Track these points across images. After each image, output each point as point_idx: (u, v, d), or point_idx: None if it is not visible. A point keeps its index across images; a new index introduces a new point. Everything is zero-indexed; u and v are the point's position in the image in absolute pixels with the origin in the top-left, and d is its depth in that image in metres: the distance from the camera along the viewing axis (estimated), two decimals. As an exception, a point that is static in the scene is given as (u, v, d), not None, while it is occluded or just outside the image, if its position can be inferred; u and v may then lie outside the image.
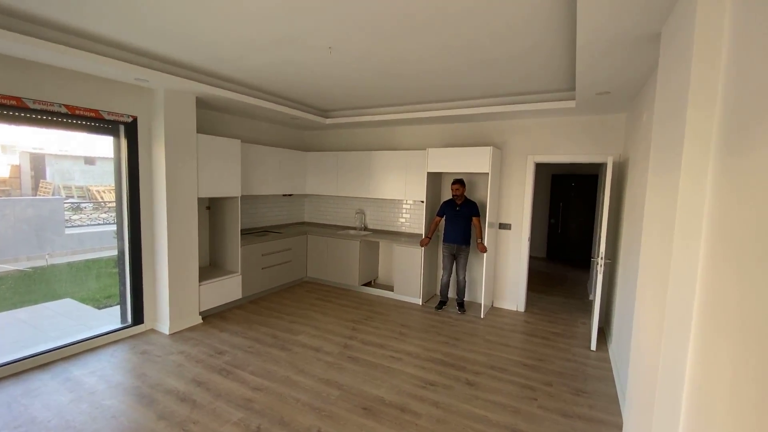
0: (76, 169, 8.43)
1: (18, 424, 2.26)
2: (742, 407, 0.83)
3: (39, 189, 7.48)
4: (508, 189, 4.48)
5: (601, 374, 3.05)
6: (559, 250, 7.73)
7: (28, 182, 7.29)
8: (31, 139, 7.10)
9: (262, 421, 2.33)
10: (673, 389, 1.29)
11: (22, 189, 6.84)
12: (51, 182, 7.71)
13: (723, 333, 0.98)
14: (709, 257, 1.13)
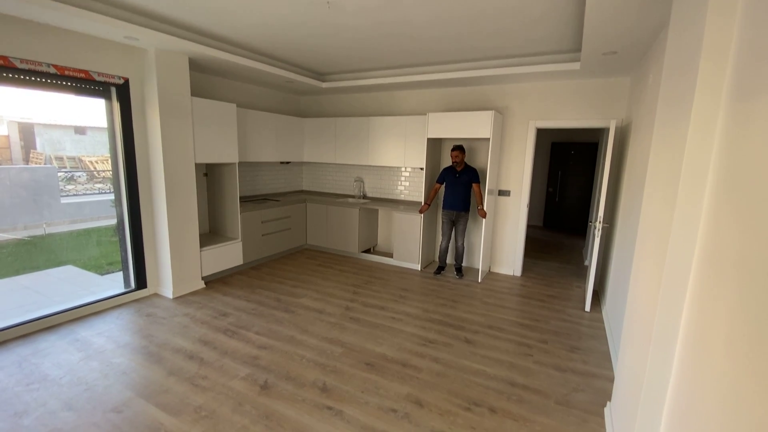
0: (66, 139, 8.23)
1: (30, 381, 2.33)
2: (736, 357, 0.86)
3: (30, 159, 7.33)
4: (508, 155, 4.46)
5: (594, 333, 3.16)
6: (556, 219, 7.80)
7: (19, 153, 7.13)
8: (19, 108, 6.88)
9: (269, 376, 2.42)
10: (667, 341, 1.34)
11: (12, 160, 6.70)
12: (42, 153, 7.54)
13: (721, 285, 1.00)
14: (712, 208, 1.15)
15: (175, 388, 2.27)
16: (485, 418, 2.08)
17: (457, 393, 2.30)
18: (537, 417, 2.11)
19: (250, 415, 2.05)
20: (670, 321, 1.33)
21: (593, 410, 2.18)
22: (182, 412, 2.06)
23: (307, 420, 2.03)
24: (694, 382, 1.09)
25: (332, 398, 2.22)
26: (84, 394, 2.21)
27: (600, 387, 2.41)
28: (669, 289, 1.38)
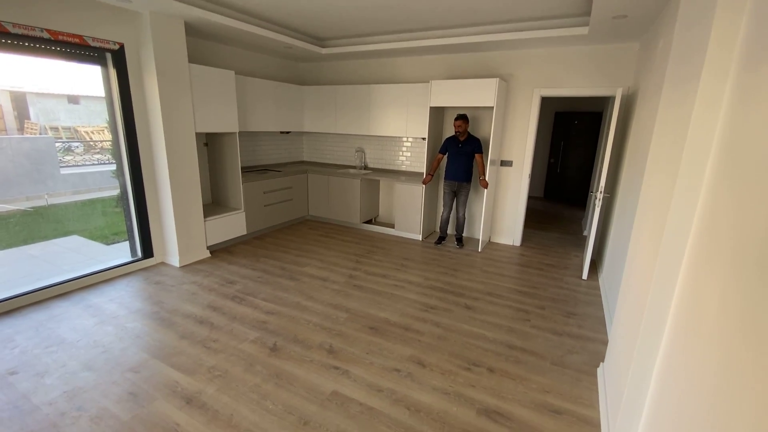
0: (60, 109, 8.07)
1: (48, 344, 2.43)
2: (729, 323, 0.90)
3: (25, 129, 7.21)
4: (512, 124, 4.41)
5: (590, 300, 3.26)
6: (557, 190, 7.82)
7: (12, 123, 7.01)
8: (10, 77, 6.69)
9: (277, 339, 2.52)
10: (661, 306, 1.39)
11: (7, 130, 6.60)
12: (36, 123, 7.41)
13: (717, 255, 1.03)
14: (713, 177, 1.16)
15: (188, 351, 2.37)
16: (484, 377, 2.20)
17: (458, 354, 2.41)
18: (533, 376, 2.22)
19: (261, 375, 2.16)
20: (665, 287, 1.39)
21: (587, 370, 2.29)
22: (196, 372, 2.17)
23: (315, 378, 2.14)
24: (686, 345, 1.15)
25: (338, 359, 2.33)
26: (101, 355, 2.32)
27: (594, 349, 2.52)
28: (666, 256, 1.43)
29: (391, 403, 1.98)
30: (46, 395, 1.98)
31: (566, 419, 1.90)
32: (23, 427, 1.77)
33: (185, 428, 1.78)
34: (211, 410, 1.89)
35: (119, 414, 1.86)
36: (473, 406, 1.97)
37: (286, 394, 2.01)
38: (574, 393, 2.09)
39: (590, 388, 2.14)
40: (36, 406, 1.91)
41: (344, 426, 1.82)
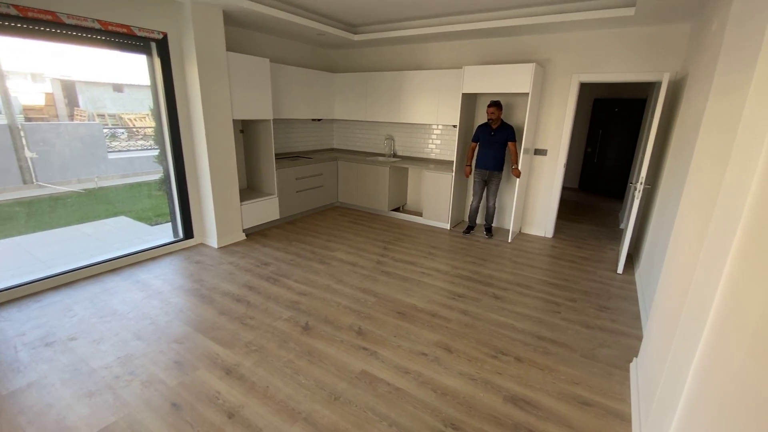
0: (106, 97, 8.53)
1: (103, 314, 2.65)
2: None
3: (75, 116, 7.69)
4: (547, 112, 4.26)
5: (625, 294, 3.16)
6: (593, 181, 7.51)
7: (64, 110, 7.50)
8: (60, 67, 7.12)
9: (309, 318, 2.63)
10: (702, 303, 1.34)
11: (59, 117, 7.08)
12: (85, 110, 7.89)
13: (765, 255, 0.98)
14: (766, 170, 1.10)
15: (227, 326, 2.52)
16: (511, 366, 2.21)
17: (485, 343, 2.42)
18: (562, 367, 2.21)
19: (294, 351, 2.27)
20: (707, 284, 1.33)
21: (619, 365, 2.25)
22: (235, 346, 2.31)
23: (345, 358, 2.23)
24: (727, 344, 1.11)
25: (367, 341, 2.40)
26: (149, 327, 2.50)
27: (627, 344, 2.46)
28: (710, 253, 1.37)
29: (418, 385, 2.03)
30: (102, 360, 2.18)
31: (595, 411, 1.89)
32: (83, 387, 1.97)
33: (225, 396, 1.92)
34: (249, 381, 2.02)
35: (166, 380, 2.03)
36: (500, 393, 1.99)
37: (318, 371, 2.11)
38: (605, 386, 2.07)
39: (622, 383, 2.10)
40: (93, 369, 2.10)
41: (372, 404, 1.89)
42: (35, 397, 1.89)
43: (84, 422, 1.75)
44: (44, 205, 4.98)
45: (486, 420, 1.81)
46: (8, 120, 5.62)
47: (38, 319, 2.54)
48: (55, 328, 2.46)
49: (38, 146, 5.30)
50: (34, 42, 2.84)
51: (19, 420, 1.75)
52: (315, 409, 1.84)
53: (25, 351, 2.23)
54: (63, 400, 1.88)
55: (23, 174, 5.24)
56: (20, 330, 2.43)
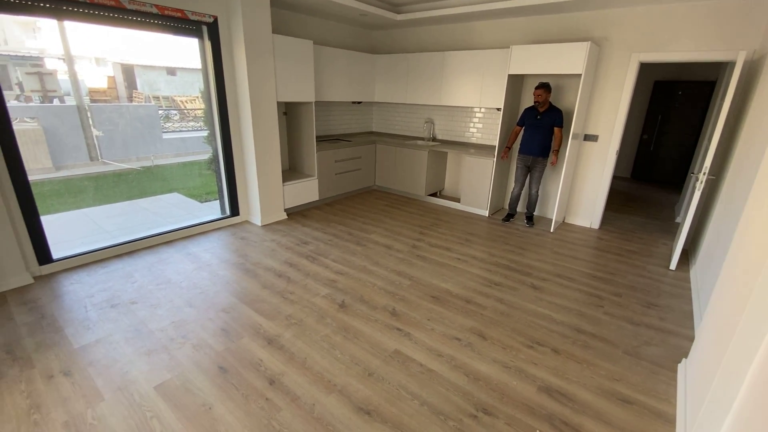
0: (160, 80, 9.02)
1: (159, 282, 2.88)
2: None
3: (133, 98, 8.23)
4: (601, 94, 3.99)
5: (677, 292, 2.96)
6: (648, 170, 6.99)
7: (123, 92, 8.04)
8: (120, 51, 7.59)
9: (345, 297, 2.71)
10: (765, 312, 1.23)
11: (119, 99, 7.60)
12: (142, 92, 8.41)
13: None
14: None
15: (269, 299, 2.66)
16: (548, 357, 2.16)
17: (521, 332, 2.39)
18: (602, 363, 2.13)
19: (331, 327, 2.36)
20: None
21: (665, 365, 2.13)
22: (276, 318, 2.44)
23: (379, 336, 2.29)
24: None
25: (401, 322, 2.44)
26: (199, 296, 2.70)
27: (676, 344, 2.32)
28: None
29: (451, 368, 2.05)
30: (158, 323, 2.38)
31: (636, 410, 1.82)
32: (143, 346, 2.17)
33: (267, 364, 2.04)
34: (288, 352, 2.13)
35: (214, 345, 2.19)
36: (534, 383, 1.96)
37: (353, 347, 2.19)
38: (648, 385, 1.98)
39: (667, 383, 2.00)
40: (151, 331, 2.31)
41: (405, 382, 1.93)
42: (102, 352, 2.11)
43: (144, 377, 1.93)
44: (108, 180, 5.43)
45: (519, 408, 1.80)
46: (77, 101, 6.13)
47: (104, 283, 2.82)
48: (119, 292, 2.72)
49: (103, 125, 5.75)
50: (98, 27, 3.03)
51: (89, 371, 1.96)
52: (349, 383, 1.92)
53: (94, 311, 2.48)
54: (126, 356, 2.08)
55: (90, 151, 5.73)
56: (89, 292, 2.70)
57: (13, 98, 5.76)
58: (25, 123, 5.59)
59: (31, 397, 1.78)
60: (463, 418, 1.73)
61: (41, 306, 2.51)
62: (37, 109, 5.61)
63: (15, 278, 2.71)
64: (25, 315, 2.40)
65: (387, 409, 1.77)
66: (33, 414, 1.69)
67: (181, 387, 1.87)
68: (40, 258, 2.88)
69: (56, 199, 4.80)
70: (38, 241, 2.85)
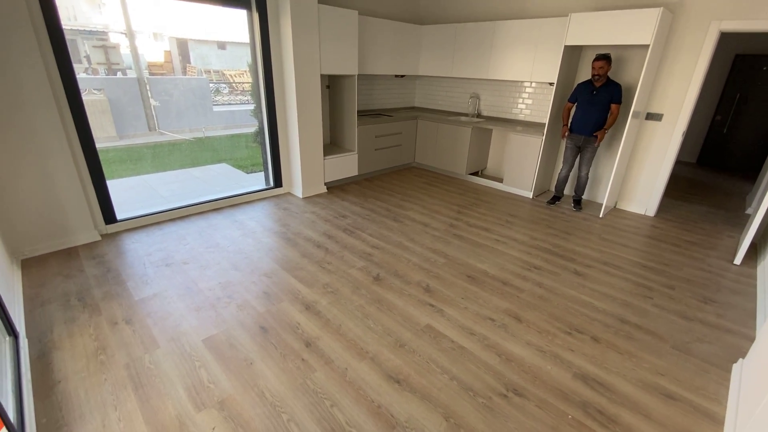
0: (212, 54, 9.33)
1: (208, 245, 3.07)
2: None
3: (187, 71, 8.60)
4: (670, 68, 3.60)
5: (740, 288, 2.71)
6: (718, 156, 6.32)
7: (178, 66, 8.42)
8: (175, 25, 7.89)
9: (380, 270, 2.75)
10: None
11: (175, 72, 7.98)
12: (195, 66, 8.76)
13: None
14: None
15: (308, 268, 2.76)
16: (586, 345, 2.08)
17: (559, 318, 2.31)
18: (646, 356, 2.02)
19: (365, 298, 2.42)
20: None
21: (718, 364, 1.99)
22: (314, 285, 2.54)
23: (411, 311, 2.31)
24: None
25: (434, 298, 2.45)
26: (244, 260, 2.85)
27: (733, 343, 2.14)
28: None
29: (483, 347, 2.04)
30: (207, 282, 2.56)
31: (681, 407, 1.72)
32: (194, 302, 2.35)
33: (304, 328, 2.14)
34: (324, 318, 2.22)
35: (256, 306, 2.32)
36: (570, 369, 1.91)
37: (386, 318, 2.23)
38: (697, 383, 1.85)
39: (719, 383, 1.86)
40: (201, 290, 2.48)
41: (435, 356, 1.96)
42: (158, 305, 2.31)
43: (193, 330, 2.10)
44: (164, 149, 5.79)
45: (551, 392, 1.76)
46: (137, 74, 6.51)
47: (160, 244, 3.05)
48: (173, 252, 2.94)
49: (159, 96, 6.09)
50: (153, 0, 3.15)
51: (147, 321, 2.17)
52: (381, 352, 1.97)
53: (151, 268, 2.71)
54: (178, 310, 2.27)
55: (148, 121, 6.12)
56: (148, 251, 2.94)
57: (81, 71, 6.23)
58: (93, 94, 6.05)
59: (98, 339, 2.01)
60: (493, 396, 1.73)
61: (107, 261, 2.77)
62: (102, 80, 6.04)
63: (85, 234, 3.01)
64: (93, 268, 2.67)
65: (416, 380, 1.80)
66: (100, 354, 1.90)
67: (226, 342, 2.02)
68: (106, 218, 3.16)
69: (119, 165, 5.22)
70: (104, 202, 3.13)
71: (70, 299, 2.32)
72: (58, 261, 2.73)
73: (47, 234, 2.82)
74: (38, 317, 2.15)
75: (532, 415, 1.64)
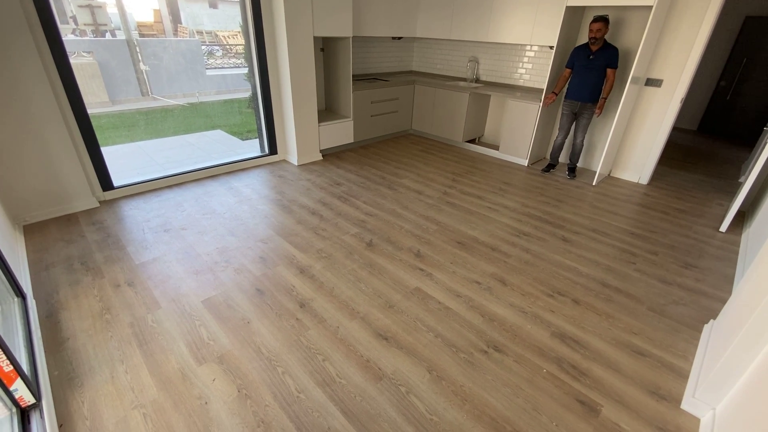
0: (203, 14, 8.94)
1: (205, 212, 3.13)
2: None
3: (178, 32, 8.28)
4: (673, 31, 3.50)
5: (722, 255, 2.80)
6: (720, 123, 6.24)
7: (169, 26, 8.09)
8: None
9: (373, 237, 2.83)
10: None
11: (165, 33, 7.68)
12: (186, 27, 8.42)
13: None
14: None
15: (303, 234, 2.83)
16: (567, 306, 2.19)
17: (543, 281, 2.41)
18: (622, 316, 2.13)
19: (358, 263, 2.51)
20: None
21: (690, 324, 2.10)
22: (308, 251, 2.62)
23: (402, 275, 2.41)
24: None
25: (424, 263, 2.54)
26: (240, 226, 2.92)
27: (708, 306, 2.25)
28: None
29: (467, 308, 2.14)
30: (205, 247, 2.64)
31: (649, 362, 1.84)
32: (193, 266, 2.44)
33: (299, 290, 2.24)
34: (318, 281, 2.32)
35: (253, 270, 2.41)
36: (548, 329, 2.02)
37: (377, 282, 2.33)
38: (667, 342, 1.97)
39: (689, 341, 1.98)
40: (199, 254, 2.57)
41: (422, 316, 2.07)
42: (158, 268, 2.41)
43: (193, 292, 2.20)
44: (158, 115, 5.72)
45: (529, 349, 1.88)
46: (126, 35, 6.29)
47: (158, 210, 3.11)
48: (171, 218, 3.00)
49: (150, 60, 5.92)
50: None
51: (148, 284, 2.26)
52: (371, 312, 2.08)
53: (150, 233, 2.79)
54: (178, 273, 2.36)
55: (141, 86, 5.99)
56: (146, 217, 3.01)
57: (69, 32, 6.02)
58: (82, 57, 5.89)
59: (102, 301, 2.11)
60: (474, 352, 1.85)
61: (107, 227, 2.84)
62: (90, 43, 5.86)
63: (83, 201, 3.06)
64: (94, 234, 2.75)
65: (403, 338, 1.92)
66: (105, 314, 2.01)
67: (224, 303, 2.12)
68: (103, 184, 3.20)
69: (113, 132, 5.18)
70: (100, 169, 3.15)
71: (73, 263, 2.41)
72: (59, 227, 2.80)
73: (47, 200, 2.87)
74: (44, 280, 2.25)
75: (509, 369, 1.77)
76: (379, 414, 1.54)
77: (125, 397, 1.57)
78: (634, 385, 1.72)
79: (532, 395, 1.65)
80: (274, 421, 1.50)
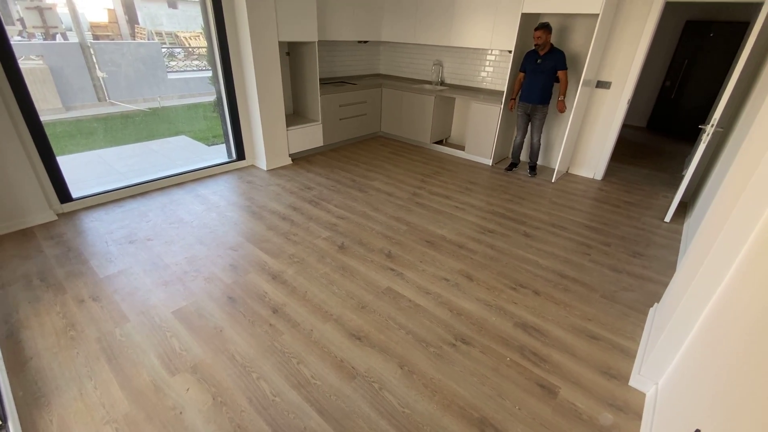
0: (162, 14, 8.62)
1: (172, 221, 3.08)
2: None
3: (135, 34, 7.95)
4: (619, 37, 3.76)
5: (666, 243, 3.05)
6: (666, 120, 6.72)
7: (125, 27, 7.76)
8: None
9: (345, 239, 2.88)
10: (728, 253, 1.32)
11: (122, 35, 7.37)
12: (144, 28, 8.10)
13: None
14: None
15: (274, 240, 2.85)
16: (528, 298, 2.34)
17: (506, 275, 2.55)
18: (578, 304, 2.30)
19: (330, 266, 2.56)
20: (739, 231, 1.30)
21: (637, 308, 2.30)
22: (280, 257, 2.64)
23: (374, 276, 2.48)
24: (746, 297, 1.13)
25: (395, 263, 2.62)
26: (210, 234, 2.90)
27: (653, 291, 2.47)
28: (749, 200, 1.31)
29: (436, 304, 2.24)
30: (173, 258, 2.61)
31: (601, 345, 2.01)
32: (161, 277, 2.40)
33: (271, 296, 2.26)
34: (290, 286, 2.35)
35: (224, 278, 2.41)
36: (511, 320, 2.15)
37: (349, 284, 2.39)
38: (617, 325, 2.15)
39: (636, 324, 2.17)
40: (167, 264, 2.53)
41: (393, 314, 2.15)
42: (125, 281, 2.36)
43: (162, 303, 2.18)
44: (117, 122, 5.50)
45: (494, 339, 2.01)
46: (79, 37, 5.99)
47: (122, 221, 3.03)
48: (136, 229, 2.93)
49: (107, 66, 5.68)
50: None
51: (115, 297, 2.22)
52: (344, 314, 2.14)
53: (114, 246, 2.71)
54: (145, 285, 2.32)
55: (97, 92, 5.73)
56: (109, 229, 2.92)
57: (16, 34, 5.67)
58: (31, 61, 5.57)
59: (66, 317, 2.05)
60: (443, 346, 1.95)
61: (66, 240, 2.74)
62: (40, 46, 5.55)
63: (40, 215, 2.93)
64: (53, 248, 2.64)
65: (376, 336, 1.99)
66: (69, 331, 1.96)
67: (195, 313, 2.12)
68: (60, 197, 3.07)
69: (69, 141, 4.94)
70: (57, 180, 3.03)
71: (32, 280, 2.32)
72: (14, 243, 2.68)
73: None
74: (1, 299, 2.15)
75: (476, 359, 1.88)
76: (354, 411, 1.60)
77: (96, 413, 1.55)
78: (588, 367, 1.87)
79: (497, 383, 1.76)
80: (251, 425, 1.53)
